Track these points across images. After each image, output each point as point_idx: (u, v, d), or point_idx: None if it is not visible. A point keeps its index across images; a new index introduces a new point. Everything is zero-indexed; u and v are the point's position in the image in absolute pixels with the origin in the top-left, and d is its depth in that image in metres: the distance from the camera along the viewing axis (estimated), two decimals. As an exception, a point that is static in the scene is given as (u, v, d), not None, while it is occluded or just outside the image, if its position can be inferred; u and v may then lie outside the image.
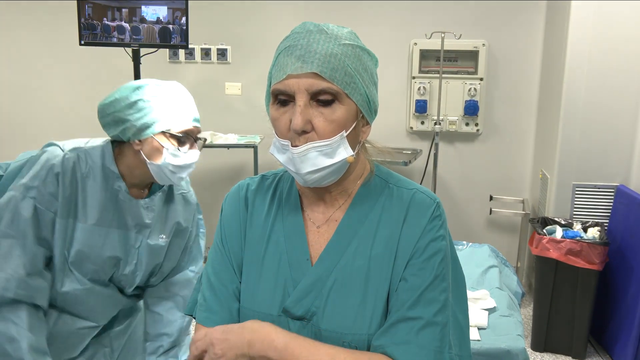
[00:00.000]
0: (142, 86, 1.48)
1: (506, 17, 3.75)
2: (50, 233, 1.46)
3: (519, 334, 2.07)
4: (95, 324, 1.61)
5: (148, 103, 1.46)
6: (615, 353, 2.86)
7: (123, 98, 1.46)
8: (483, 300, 2.27)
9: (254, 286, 1.03)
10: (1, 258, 1.39)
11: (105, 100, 1.50)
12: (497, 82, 3.83)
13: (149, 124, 1.46)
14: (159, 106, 1.47)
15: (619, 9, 2.96)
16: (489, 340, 2.02)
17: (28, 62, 4.30)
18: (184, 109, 1.50)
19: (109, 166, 1.51)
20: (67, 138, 1.67)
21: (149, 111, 1.46)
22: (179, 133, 1.49)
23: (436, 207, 0.99)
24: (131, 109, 1.46)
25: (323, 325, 0.96)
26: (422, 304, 0.93)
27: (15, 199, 1.42)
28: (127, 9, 3.12)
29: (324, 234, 1.02)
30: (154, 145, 1.48)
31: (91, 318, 1.59)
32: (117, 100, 1.47)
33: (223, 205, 1.12)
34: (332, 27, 0.96)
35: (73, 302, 1.53)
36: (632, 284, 2.75)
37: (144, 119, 1.46)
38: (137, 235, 1.58)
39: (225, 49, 4.10)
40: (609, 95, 3.03)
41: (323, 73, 0.90)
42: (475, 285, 2.44)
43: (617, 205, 3.04)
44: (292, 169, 0.96)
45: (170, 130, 1.48)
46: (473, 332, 2.06)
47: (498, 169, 3.95)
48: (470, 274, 2.50)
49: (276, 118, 0.95)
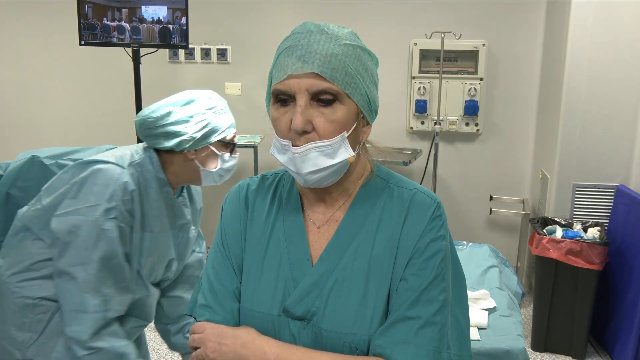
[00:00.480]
0: (194, 100, 1.56)
1: (506, 17, 3.75)
2: (130, 248, 1.51)
3: (519, 334, 2.07)
4: (147, 322, 1.70)
5: (203, 116, 1.55)
6: (615, 353, 2.86)
7: (175, 112, 1.53)
8: (483, 301, 2.27)
9: (254, 286, 1.03)
10: (99, 280, 1.43)
11: (152, 114, 1.53)
12: (497, 82, 3.83)
13: (206, 135, 1.55)
14: (213, 118, 1.57)
15: (619, 9, 2.96)
16: (489, 341, 2.02)
17: (28, 62, 4.30)
18: (230, 118, 1.63)
19: (159, 175, 1.57)
20: (67, 138, 1.68)
21: (205, 123, 1.55)
22: (230, 140, 1.62)
23: (436, 207, 0.99)
24: (187, 123, 1.53)
25: (323, 325, 0.96)
26: (421, 303, 0.93)
27: (98, 223, 1.42)
28: (127, 9, 3.12)
29: (324, 234, 1.02)
30: (209, 153, 1.58)
31: (146, 317, 1.68)
32: (169, 114, 1.53)
33: (223, 205, 1.12)
34: (332, 28, 0.96)
35: (139, 306, 1.61)
36: (632, 284, 2.75)
37: (202, 131, 1.54)
38: (182, 233, 1.69)
39: (225, 49, 4.10)
40: (609, 95, 3.03)
41: (323, 73, 0.91)
42: (475, 285, 2.43)
43: (617, 205, 3.04)
44: (293, 169, 0.96)
45: (224, 139, 1.60)
46: (473, 332, 2.06)
47: (498, 169, 3.95)
48: (470, 274, 2.50)
49: (277, 118, 0.95)
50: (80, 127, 4.28)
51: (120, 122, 4.05)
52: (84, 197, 1.44)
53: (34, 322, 1.49)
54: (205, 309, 1.04)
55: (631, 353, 2.69)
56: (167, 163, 1.58)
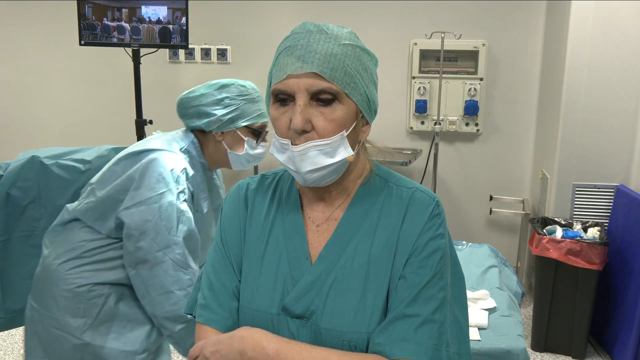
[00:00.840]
0: (228, 85, 1.67)
1: (506, 17, 3.75)
2: None
3: (519, 334, 2.07)
4: None
5: (233, 101, 1.66)
6: (615, 353, 2.86)
7: (209, 94, 1.65)
8: (483, 301, 2.27)
9: (253, 285, 1.03)
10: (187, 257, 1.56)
11: (189, 94, 1.68)
12: (497, 82, 3.83)
13: (234, 119, 1.65)
14: (242, 104, 1.67)
15: (619, 9, 2.96)
16: (490, 341, 2.02)
17: (28, 62, 4.30)
18: (261, 108, 1.71)
19: (200, 159, 1.69)
20: (67, 138, 1.71)
21: (234, 108, 1.66)
22: (258, 128, 1.70)
23: (435, 205, 0.99)
24: (218, 105, 1.65)
25: (323, 323, 0.96)
26: (420, 301, 0.93)
27: (175, 206, 1.53)
28: (127, 9, 3.12)
29: (323, 233, 1.02)
30: (236, 137, 1.68)
31: None
32: (203, 95, 1.65)
33: (223, 204, 1.12)
34: (332, 27, 0.96)
35: None
36: (632, 284, 2.75)
37: (230, 114, 1.65)
38: (217, 213, 1.77)
39: (225, 49, 4.10)
40: (609, 95, 3.03)
41: (323, 73, 0.91)
42: (475, 285, 2.43)
43: (617, 205, 3.04)
44: (292, 167, 0.96)
45: (252, 125, 1.68)
46: (473, 332, 2.06)
47: (498, 169, 3.95)
48: (470, 274, 2.50)
49: (276, 118, 0.96)
50: (80, 127, 4.28)
51: (121, 122, 4.05)
52: (152, 185, 1.51)
53: (88, 307, 1.56)
54: (204, 309, 1.04)
55: (631, 353, 2.69)
56: (203, 145, 1.70)
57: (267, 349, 0.92)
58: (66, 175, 1.77)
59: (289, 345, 0.93)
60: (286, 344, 0.93)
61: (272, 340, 0.93)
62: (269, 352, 0.92)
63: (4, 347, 2.91)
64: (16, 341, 2.96)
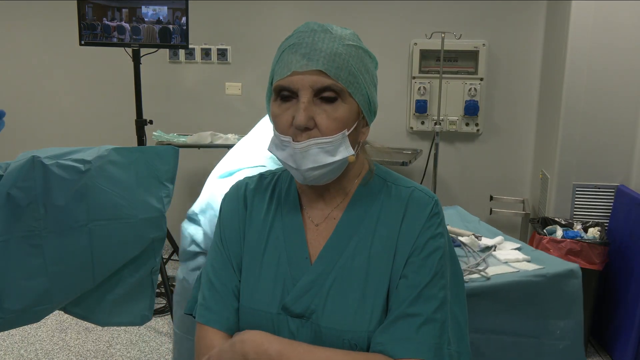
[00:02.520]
0: None
1: (506, 17, 3.75)
2: None
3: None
4: None
5: None
6: (615, 353, 2.86)
7: None
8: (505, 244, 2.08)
9: (253, 285, 1.03)
10: None
11: None
12: (497, 82, 3.83)
13: None
14: None
15: (619, 9, 2.96)
16: (549, 265, 1.83)
17: (28, 62, 4.30)
18: None
19: None
20: (67, 138, 1.69)
21: None
22: None
23: (434, 204, 0.99)
24: None
25: (323, 322, 0.96)
26: (422, 301, 0.93)
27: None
28: (127, 9, 3.12)
29: (322, 233, 1.02)
30: None
31: None
32: None
33: (222, 204, 1.12)
34: (335, 28, 0.97)
35: None
36: (632, 284, 2.75)
37: None
38: None
39: (225, 49, 4.10)
40: (609, 95, 3.03)
41: (328, 71, 0.91)
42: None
43: (617, 205, 3.04)
44: (293, 165, 0.96)
45: None
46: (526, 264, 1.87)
47: (498, 169, 3.95)
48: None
49: (277, 114, 0.96)
50: (80, 127, 4.28)
51: (121, 122, 4.05)
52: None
53: None
54: (205, 309, 1.04)
55: (631, 353, 2.69)
56: None
57: (269, 350, 0.91)
58: (66, 175, 1.75)
59: (292, 346, 0.93)
60: (288, 344, 0.93)
61: (274, 342, 0.93)
62: (272, 353, 0.91)
63: (4, 347, 2.90)
64: (16, 341, 2.96)
